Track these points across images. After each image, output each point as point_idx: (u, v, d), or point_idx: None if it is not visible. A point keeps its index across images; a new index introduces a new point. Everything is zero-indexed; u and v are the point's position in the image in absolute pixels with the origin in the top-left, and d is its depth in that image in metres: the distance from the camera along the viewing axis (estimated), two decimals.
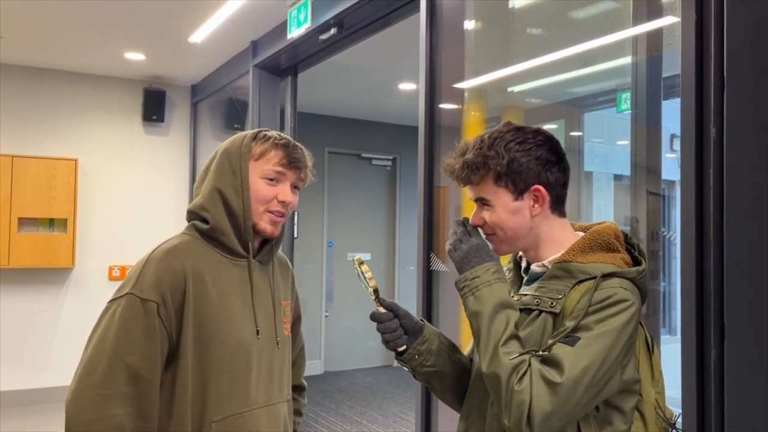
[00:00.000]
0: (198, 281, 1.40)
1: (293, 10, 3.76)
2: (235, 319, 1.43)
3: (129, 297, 1.35)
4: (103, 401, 1.29)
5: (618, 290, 1.16)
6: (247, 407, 1.43)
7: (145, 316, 1.34)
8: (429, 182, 2.83)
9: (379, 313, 1.36)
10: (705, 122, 1.52)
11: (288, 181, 1.50)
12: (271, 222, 1.49)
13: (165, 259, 1.39)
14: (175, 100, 6.11)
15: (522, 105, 4.25)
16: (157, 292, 1.35)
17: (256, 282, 1.50)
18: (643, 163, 2.71)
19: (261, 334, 1.47)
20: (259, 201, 1.47)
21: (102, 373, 1.30)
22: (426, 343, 1.38)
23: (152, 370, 1.33)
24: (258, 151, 1.49)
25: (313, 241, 6.92)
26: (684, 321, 1.56)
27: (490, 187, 1.26)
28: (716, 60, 1.48)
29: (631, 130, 2.82)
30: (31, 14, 4.19)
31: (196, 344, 1.38)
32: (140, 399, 1.32)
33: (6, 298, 5.41)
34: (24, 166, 5.29)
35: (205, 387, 1.39)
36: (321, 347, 7.01)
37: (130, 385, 1.31)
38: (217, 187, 1.46)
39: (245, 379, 1.43)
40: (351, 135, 7.21)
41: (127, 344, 1.32)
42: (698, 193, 1.53)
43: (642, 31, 2.61)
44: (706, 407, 1.50)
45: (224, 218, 1.45)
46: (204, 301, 1.40)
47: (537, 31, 3.45)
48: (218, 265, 1.45)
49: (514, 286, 1.36)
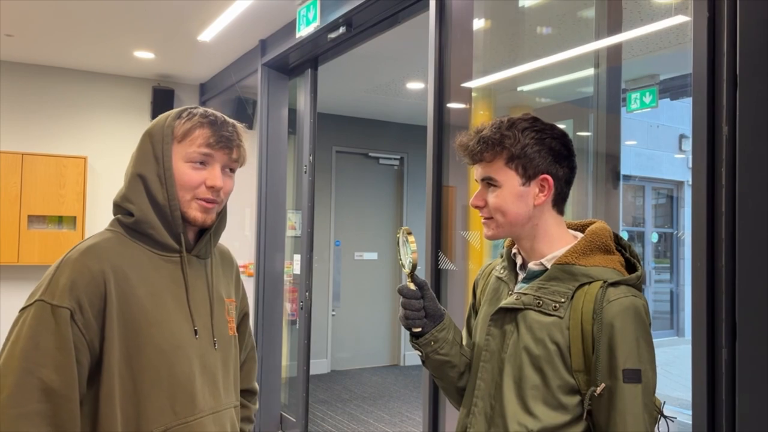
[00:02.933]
0: (121, 282, 1.25)
1: (302, 8, 3.77)
2: (169, 321, 1.28)
3: (39, 304, 1.21)
4: (13, 422, 1.14)
5: (633, 300, 1.21)
6: (194, 416, 1.29)
7: (57, 325, 1.18)
8: (437, 181, 2.82)
9: (408, 289, 1.34)
10: (717, 121, 1.52)
11: (217, 164, 1.33)
12: (201, 209, 1.33)
13: (80, 260, 1.24)
14: (183, 99, 6.13)
15: (530, 104, 4.23)
16: (71, 298, 1.20)
17: (192, 279, 1.35)
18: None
19: (200, 334, 1.33)
20: (185, 188, 1.31)
21: (10, 390, 1.15)
22: (444, 331, 1.38)
23: (68, 384, 1.18)
24: (181, 131, 1.32)
25: (320, 240, 6.93)
26: (695, 321, 1.55)
27: (500, 167, 1.28)
28: (729, 58, 1.47)
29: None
30: (41, 13, 4.21)
31: (125, 351, 1.23)
32: (56, 417, 1.17)
33: (16, 295, 5.43)
34: (33, 163, 5.32)
35: (139, 396, 1.24)
36: (328, 346, 7.02)
37: (43, 402, 1.16)
38: (139, 174, 1.32)
39: (188, 385, 1.29)
40: (358, 134, 7.21)
41: (38, 357, 1.17)
42: (710, 192, 1.52)
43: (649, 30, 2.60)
44: (716, 408, 1.49)
45: (149, 209, 1.30)
46: (130, 303, 1.25)
47: (546, 30, 3.44)
48: (147, 262, 1.30)
49: (509, 283, 1.36)
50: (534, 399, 1.23)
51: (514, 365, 1.26)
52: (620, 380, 1.16)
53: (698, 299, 1.53)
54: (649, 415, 1.17)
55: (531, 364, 1.24)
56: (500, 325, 1.31)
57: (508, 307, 1.29)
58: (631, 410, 1.15)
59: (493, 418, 1.28)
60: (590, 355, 1.19)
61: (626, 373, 1.16)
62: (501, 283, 1.39)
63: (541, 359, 1.22)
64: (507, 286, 1.36)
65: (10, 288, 5.41)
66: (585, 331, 1.19)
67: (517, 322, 1.27)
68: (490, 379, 1.31)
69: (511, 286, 1.35)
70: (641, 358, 1.17)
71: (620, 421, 1.15)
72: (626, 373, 1.16)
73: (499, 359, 1.30)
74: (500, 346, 1.30)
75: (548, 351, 1.22)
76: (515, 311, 1.28)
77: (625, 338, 1.16)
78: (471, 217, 2.88)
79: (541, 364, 1.23)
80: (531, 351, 1.24)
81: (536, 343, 1.23)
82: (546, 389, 1.22)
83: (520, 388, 1.25)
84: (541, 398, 1.22)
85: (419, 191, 7.40)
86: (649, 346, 1.20)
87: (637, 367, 1.16)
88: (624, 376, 1.16)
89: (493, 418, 1.28)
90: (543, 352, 1.22)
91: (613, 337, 1.17)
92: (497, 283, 1.40)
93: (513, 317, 1.29)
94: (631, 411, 1.15)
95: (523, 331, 1.26)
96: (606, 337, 1.17)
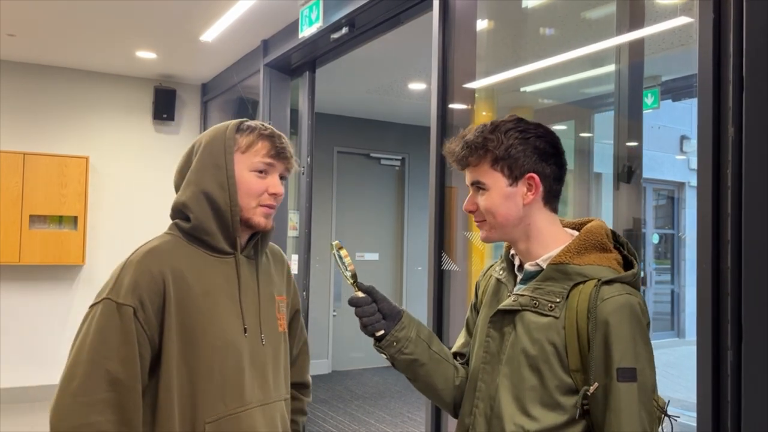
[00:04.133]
0: (178, 282, 1.36)
1: (305, 9, 3.77)
2: (221, 319, 1.39)
3: (106, 302, 1.32)
4: (82, 409, 1.27)
5: (628, 297, 1.20)
6: (243, 407, 1.39)
7: (122, 321, 1.30)
8: (440, 182, 2.82)
9: (357, 298, 1.38)
10: (722, 122, 1.52)
11: (277, 173, 1.47)
12: (264, 215, 1.45)
13: (143, 261, 1.35)
14: (185, 99, 6.14)
15: (532, 105, 4.24)
16: (134, 296, 1.32)
17: (243, 278, 1.45)
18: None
19: (249, 332, 1.43)
20: (250, 195, 1.43)
21: (80, 380, 1.28)
22: (404, 330, 1.38)
23: (132, 375, 1.30)
24: (244, 143, 1.44)
25: (321, 240, 6.92)
26: (700, 322, 1.55)
27: (486, 170, 1.29)
28: (735, 59, 1.47)
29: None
30: (43, 12, 4.21)
31: (181, 346, 1.34)
32: (121, 405, 1.29)
33: (17, 294, 5.44)
34: (35, 163, 5.32)
35: (194, 388, 1.35)
36: (329, 347, 7.02)
37: (109, 392, 1.28)
38: (201, 184, 1.42)
39: (238, 379, 1.39)
40: (360, 135, 7.21)
41: (105, 350, 1.29)
42: (715, 194, 1.52)
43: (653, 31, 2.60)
44: (721, 410, 1.49)
45: (209, 216, 1.41)
46: (187, 301, 1.36)
47: (549, 31, 3.44)
48: (202, 263, 1.41)
49: (508, 284, 1.36)
50: (531, 400, 1.23)
51: (511, 367, 1.26)
52: (614, 379, 1.15)
53: (703, 301, 1.53)
54: (647, 414, 1.16)
55: (528, 365, 1.24)
56: (499, 328, 1.31)
57: (506, 309, 1.30)
58: (626, 409, 1.14)
59: (491, 420, 1.28)
60: (586, 353, 1.18)
61: (621, 372, 1.15)
62: (501, 284, 1.39)
63: (538, 360, 1.22)
64: (506, 288, 1.36)
65: (11, 287, 5.41)
66: (580, 329, 1.19)
67: (515, 324, 1.28)
68: (490, 380, 1.31)
69: (510, 287, 1.35)
70: (637, 356, 1.16)
71: (615, 421, 1.15)
72: (621, 372, 1.15)
73: (498, 361, 1.30)
74: (499, 348, 1.30)
75: (545, 351, 1.22)
76: (513, 313, 1.28)
77: (620, 336, 1.16)
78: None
79: (538, 364, 1.22)
80: (528, 352, 1.24)
81: (533, 344, 1.23)
82: (543, 390, 1.22)
83: (518, 389, 1.25)
84: (538, 399, 1.22)
85: (420, 192, 7.40)
86: (645, 344, 1.19)
87: (632, 365, 1.15)
88: (618, 374, 1.15)
89: (491, 420, 1.28)
90: (540, 352, 1.22)
91: (608, 335, 1.16)
92: (497, 285, 1.40)
93: (511, 319, 1.29)
94: (627, 410, 1.14)
95: (520, 333, 1.26)
96: (601, 336, 1.17)
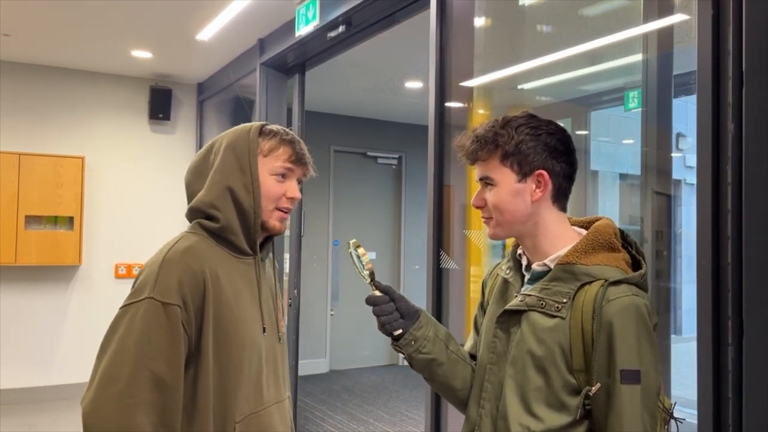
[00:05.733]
0: (215, 282, 1.37)
1: (301, 7, 3.75)
2: (246, 319, 1.41)
3: (149, 301, 1.30)
4: (127, 411, 1.24)
5: (633, 299, 1.19)
6: (262, 406, 1.42)
7: (168, 321, 1.29)
8: (439, 180, 2.82)
9: (375, 297, 1.37)
10: (722, 119, 1.51)
11: (295, 177, 1.49)
12: (280, 219, 1.48)
13: (183, 260, 1.35)
14: (181, 98, 6.12)
15: (529, 103, 4.23)
16: (178, 295, 1.31)
17: (261, 279, 1.49)
18: (654, 163, 2.70)
19: (267, 331, 1.46)
20: (269, 198, 1.45)
21: (126, 381, 1.26)
22: (422, 329, 1.38)
23: (177, 376, 1.30)
24: (267, 147, 1.46)
25: (318, 239, 6.92)
26: (700, 319, 1.55)
27: (495, 165, 1.28)
28: (734, 56, 1.47)
29: (641, 128, 2.80)
30: (38, 12, 4.19)
31: (216, 345, 1.35)
32: (163, 406, 1.28)
33: (13, 295, 5.42)
34: (31, 163, 5.30)
35: (226, 388, 1.35)
36: (327, 346, 7.01)
37: (154, 393, 1.27)
38: (227, 185, 1.42)
39: (258, 378, 1.42)
40: (357, 133, 7.20)
41: (150, 350, 1.28)
42: (714, 190, 1.52)
43: (653, 28, 2.59)
44: (722, 406, 1.49)
45: (235, 217, 1.42)
46: (221, 301, 1.37)
47: (546, 29, 3.43)
48: (229, 264, 1.43)
49: (515, 284, 1.35)
50: (537, 400, 1.22)
51: (517, 367, 1.26)
52: (617, 381, 1.14)
53: (703, 298, 1.53)
54: (650, 417, 1.15)
55: (534, 365, 1.23)
56: (506, 328, 1.31)
57: (513, 310, 1.29)
58: (628, 412, 1.13)
59: (497, 420, 1.28)
60: (590, 354, 1.18)
61: (624, 374, 1.14)
62: (508, 284, 1.38)
63: (544, 360, 1.22)
64: (514, 288, 1.35)
65: (8, 288, 5.39)
66: (585, 330, 1.19)
67: (521, 324, 1.27)
68: (496, 381, 1.31)
69: (518, 287, 1.34)
70: (642, 358, 1.15)
71: (617, 423, 1.14)
72: (624, 374, 1.14)
73: (505, 361, 1.30)
74: (506, 348, 1.30)
75: (551, 352, 1.21)
76: (520, 313, 1.28)
77: (625, 338, 1.15)
78: (470, 215, 2.88)
79: (544, 365, 1.22)
80: (534, 353, 1.23)
81: (539, 345, 1.23)
82: (549, 390, 1.21)
83: (523, 389, 1.24)
84: (543, 399, 1.22)
85: (417, 190, 7.40)
86: (651, 345, 1.18)
87: (636, 367, 1.14)
88: (621, 376, 1.14)
89: (497, 420, 1.28)
90: (546, 353, 1.22)
91: (612, 336, 1.15)
92: (504, 285, 1.39)
93: (518, 319, 1.28)
94: (629, 412, 1.13)
95: (526, 333, 1.25)
96: (605, 336, 1.16)
